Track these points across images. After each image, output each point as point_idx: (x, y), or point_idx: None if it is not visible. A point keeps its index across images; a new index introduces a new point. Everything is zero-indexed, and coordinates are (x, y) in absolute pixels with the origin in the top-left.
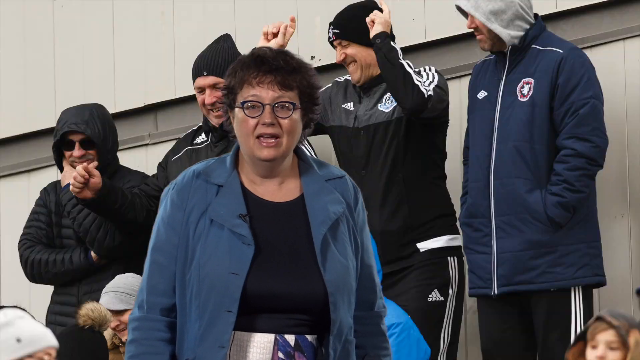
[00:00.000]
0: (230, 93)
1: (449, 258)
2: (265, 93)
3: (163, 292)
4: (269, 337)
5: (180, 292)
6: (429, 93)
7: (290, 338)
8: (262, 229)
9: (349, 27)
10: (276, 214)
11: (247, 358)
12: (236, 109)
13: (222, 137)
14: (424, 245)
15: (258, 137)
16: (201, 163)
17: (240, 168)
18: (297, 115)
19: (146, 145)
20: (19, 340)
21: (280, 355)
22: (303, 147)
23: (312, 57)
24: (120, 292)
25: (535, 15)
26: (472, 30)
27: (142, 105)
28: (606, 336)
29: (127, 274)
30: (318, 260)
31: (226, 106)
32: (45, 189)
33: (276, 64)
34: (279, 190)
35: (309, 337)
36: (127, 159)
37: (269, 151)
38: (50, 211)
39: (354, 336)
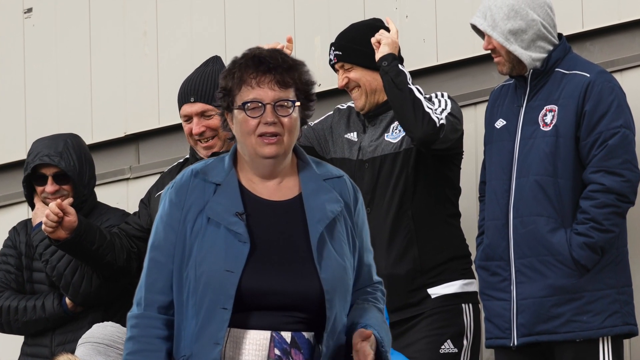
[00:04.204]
0: (228, 95)
1: (463, 305)
2: (265, 93)
3: (161, 290)
4: (265, 334)
5: (178, 289)
6: (441, 122)
7: (287, 335)
8: (259, 227)
9: (352, 48)
10: (274, 212)
11: (243, 355)
12: (236, 111)
13: None
14: (435, 291)
15: (260, 135)
16: (200, 162)
17: (238, 167)
18: (296, 113)
19: (127, 179)
20: None
21: (277, 352)
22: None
23: None
24: (98, 342)
25: (560, 35)
26: (489, 51)
27: (123, 135)
28: None
29: (105, 323)
30: (314, 258)
31: (222, 108)
32: (14, 228)
33: (274, 63)
34: (277, 189)
35: (306, 334)
36: (106, 194)
37: (271, 148)
38: (20, 253)
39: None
